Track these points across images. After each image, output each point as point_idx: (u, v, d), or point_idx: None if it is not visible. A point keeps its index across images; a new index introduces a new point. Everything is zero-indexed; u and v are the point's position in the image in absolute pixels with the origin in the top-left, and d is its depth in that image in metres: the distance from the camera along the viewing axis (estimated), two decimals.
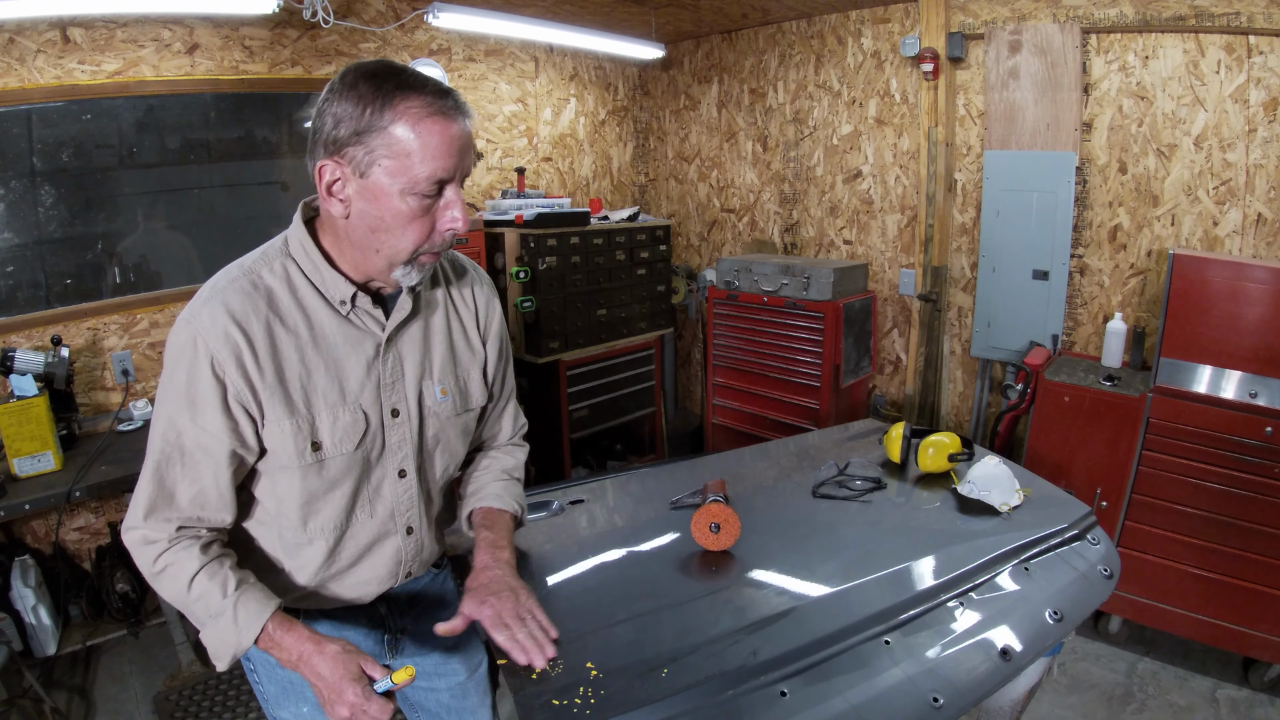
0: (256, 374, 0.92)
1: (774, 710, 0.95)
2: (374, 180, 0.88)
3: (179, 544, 0.94)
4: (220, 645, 0.93)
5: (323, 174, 0.90)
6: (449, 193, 0.92)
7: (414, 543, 1.11)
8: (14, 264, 2.35)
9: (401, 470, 1.06)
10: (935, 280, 3.23)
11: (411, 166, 0.87)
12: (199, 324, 0.90)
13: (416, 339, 1.06)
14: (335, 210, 0.92)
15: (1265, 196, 2.45)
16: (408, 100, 0.86)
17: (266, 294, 0.94)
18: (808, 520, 1.45)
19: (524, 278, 3.02)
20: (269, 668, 1.11)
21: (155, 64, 2.52)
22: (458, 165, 0.90)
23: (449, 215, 0.93)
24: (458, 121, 0.90)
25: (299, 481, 0.97)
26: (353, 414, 0.99)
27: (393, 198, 0.89)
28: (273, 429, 0.95)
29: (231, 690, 2.29)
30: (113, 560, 2.46)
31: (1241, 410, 2.14)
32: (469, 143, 0.92)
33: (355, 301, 0.98)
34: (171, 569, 0.93)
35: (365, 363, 1.00)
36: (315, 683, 0.91)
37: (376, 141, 0.87)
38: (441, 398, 1.08)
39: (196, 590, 0.93)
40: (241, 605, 0.92)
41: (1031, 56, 2.78)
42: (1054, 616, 1.20)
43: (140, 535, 0.94)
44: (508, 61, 3.58)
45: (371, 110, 0.86)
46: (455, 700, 1.27)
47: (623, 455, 3.81)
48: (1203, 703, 2.19)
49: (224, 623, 0.92)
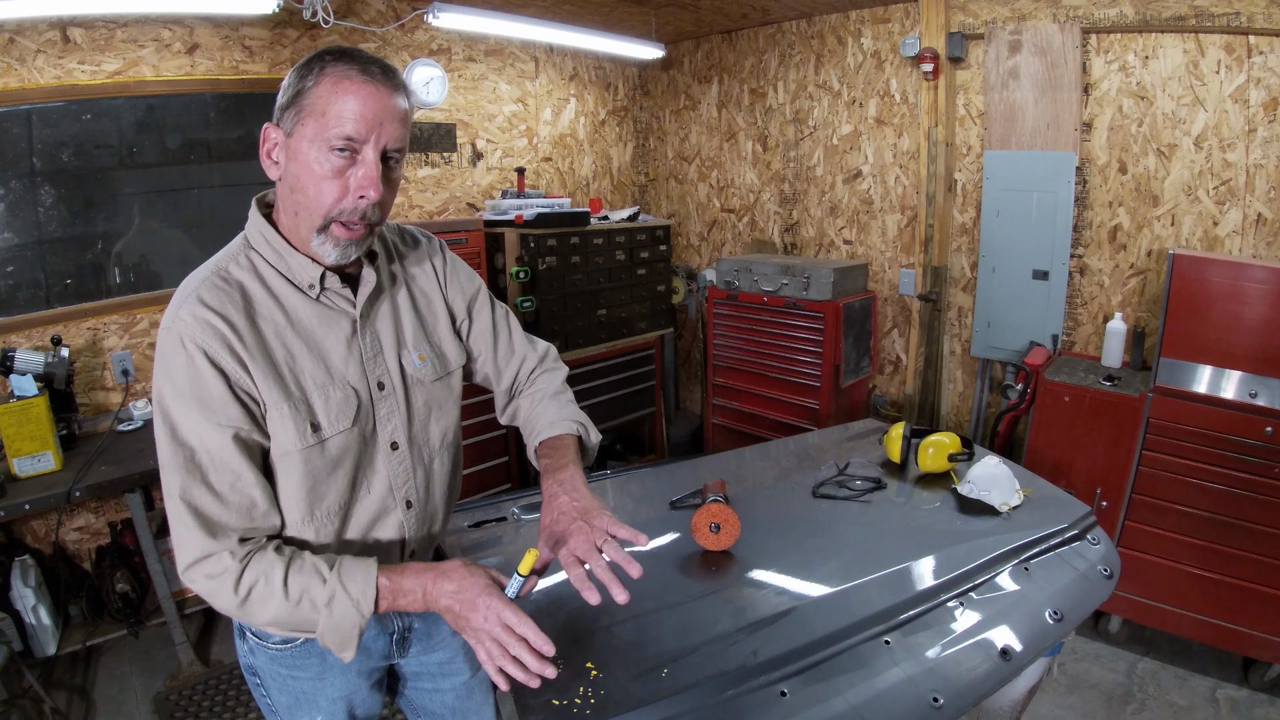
0: (249, 359, 0.92)
1: (774, 710, 0.95)
2: (295, 140, 0.91)
3: (251, 559, 0.89)
4: (343, 629, 0.89)
5: (265, 137, 0.94)
6: (366, 154, 0.92)
7: (415, 517, 1.10)
8: (14, 264, 2.35)
9: (393, 443, 1.06)
10: (935, 280, 3.23)
11: (326, 124, 0.89)
12: (181, 325, 0.89)
13: (387, 313, 1.07)
14: (272, 174, 0.96)
15: (1265, 196, 2.45)
16: (336, 65, 0.90)
17: (239, 287, 0.95)
18: (808, 520, 1.45)
19: (524, 278, 3.02)
20: (280, 680, 1.10)
21: (155, 64, 2.52)
22: (372, 128, 0.91)
23: (359, 177, 0.92)
24: (379, 86, 0.91)
25: (302, 466, 0.96)
26: (343, 391, 1.00)
27: (308, 154, 0.91)
28: (273, 414, 0.94)
29: (231, 690, 2.29)
30: (113, 560, 2.46)
31: (1241, 410, 2.14)
32: (393, 113, 0.92)
33: (324, 283, 0.99)
34: (258, 587, 0.88)
35: (344, 340, 1.01)
36: (445, 611, 0.89)
37: (303, 102, 0.90)
38: (420, 364, 1.09)
39: (295, 590, 0.88)
40: (347, 578, 0.90)
41: (1031, 56, 2.78)
42: (1054, 616, 1.20)
43: (203, 573, 0.88)
44: (508, 61, 3.58)
45: (307, 76, 0.91)
46: (459, 700, 1.27)
47: (623, 455, 3.81)
48: (1203, 703, 2.19)
49: (339, 604, 0.88)
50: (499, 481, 2.97)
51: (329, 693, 1.11)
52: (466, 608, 0.88)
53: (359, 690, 1.13)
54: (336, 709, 1.12)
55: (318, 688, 1.10)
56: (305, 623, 0.90)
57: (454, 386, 1.16)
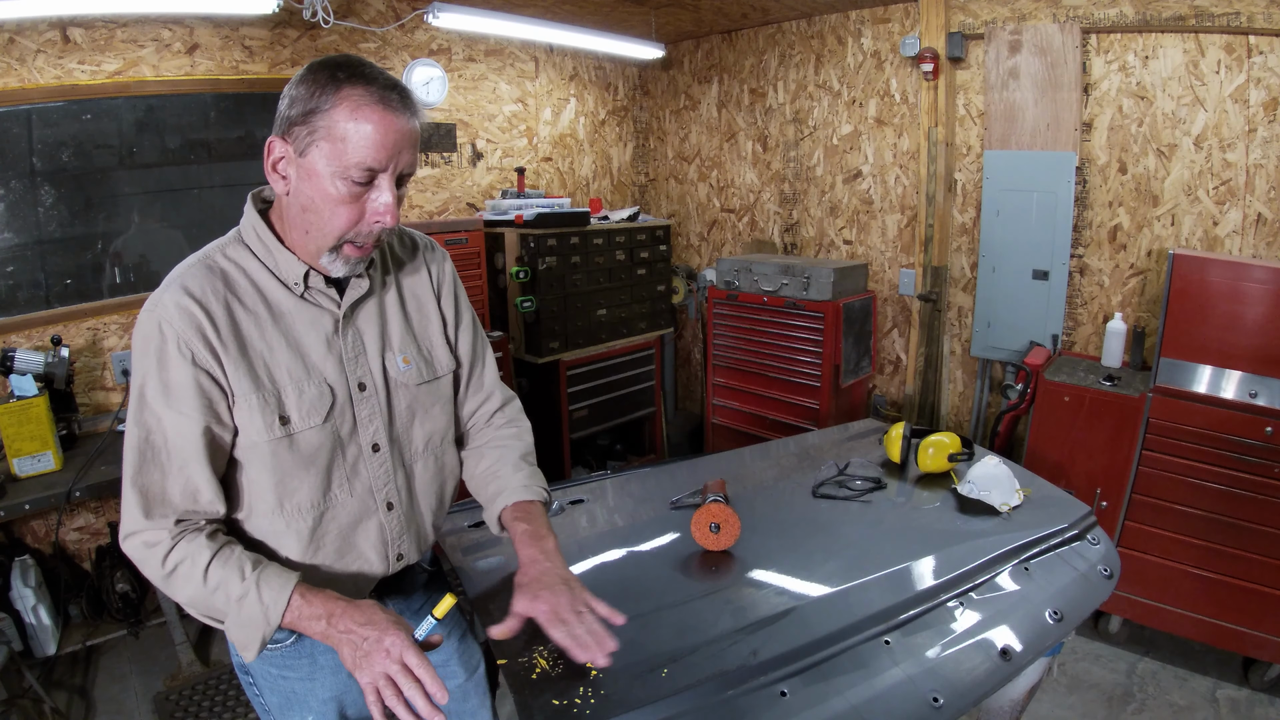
0: (221, 348, 0.93)
1: (774, 710, 0.95)
2: (310, 160, 0.91)
3: (183, 538, 0.92)
4: (248, 630, 0.91)
5: (271, 150, 0.94)
6: (381, 183, 0.93)
7: (396, 519, 1.10)
8: (14, 264, 2.35)
9: (375, 445, 1.06)
10: (935, 280, 3.23)
11: (345, 151, 0.89)
12: (161, 310, 0.92)
13: (373, 314, 1.07)
14: (278, 188, 0.96)
15: (1265, 196, 2.45)
16: (354, 88, 0.89)
17: (223, 276, 0.97)
18: (808, 520, 1.45)
19: (524, 278, 3.02)
20: (270, 679, 1.10)
21: (155, 64, 2.52)
22: (391, 157, 0.91)
23: (378, 205, 0.93)
24: (399, 115, 0.91)
25: (270, 458, 0.97)
26: (318, 387, 1.00)
27: (324, 179, 0.91)
28: (241, 404, 0.95)
29: (231, 690, 2.29)
30: (113, 560, 2.46)
31: (1241, 410, 2.13)
32: (409, 139, 0.93)
33: (309, 282, 1.00)
34: (183, 566, 0.91)
35: (324, 338, 1.02)
36: (346, 638, 0.88)
37: (319, 123, 0.89)
38: (404, 367, 1.09)
39: (214, 580, 0.91)
40: (264, 582, 0.91)
41: (1031, 56, 2.78)
42: (1054, 616, 1.20)
43: (140, 541, 0.93)
44: (508, 61, 3.58)
45: (320, 94, 0.89)
46: (455, 703, 1.27)
47: (623, 455, 3.81)
48: (1203, 703, 2.19)
49: (249, 604, 0.90)
50: None
51: (320, 693, 1.11)
52: (371, 641, 0.87)
53: (350, 690, 1.13)
54: (328, 709, 1.12)
55: (309, 688, 1.10)
56: (217, 612, 0.93)
57: (442, 391, 1.15)
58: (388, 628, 0.88)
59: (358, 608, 0.91)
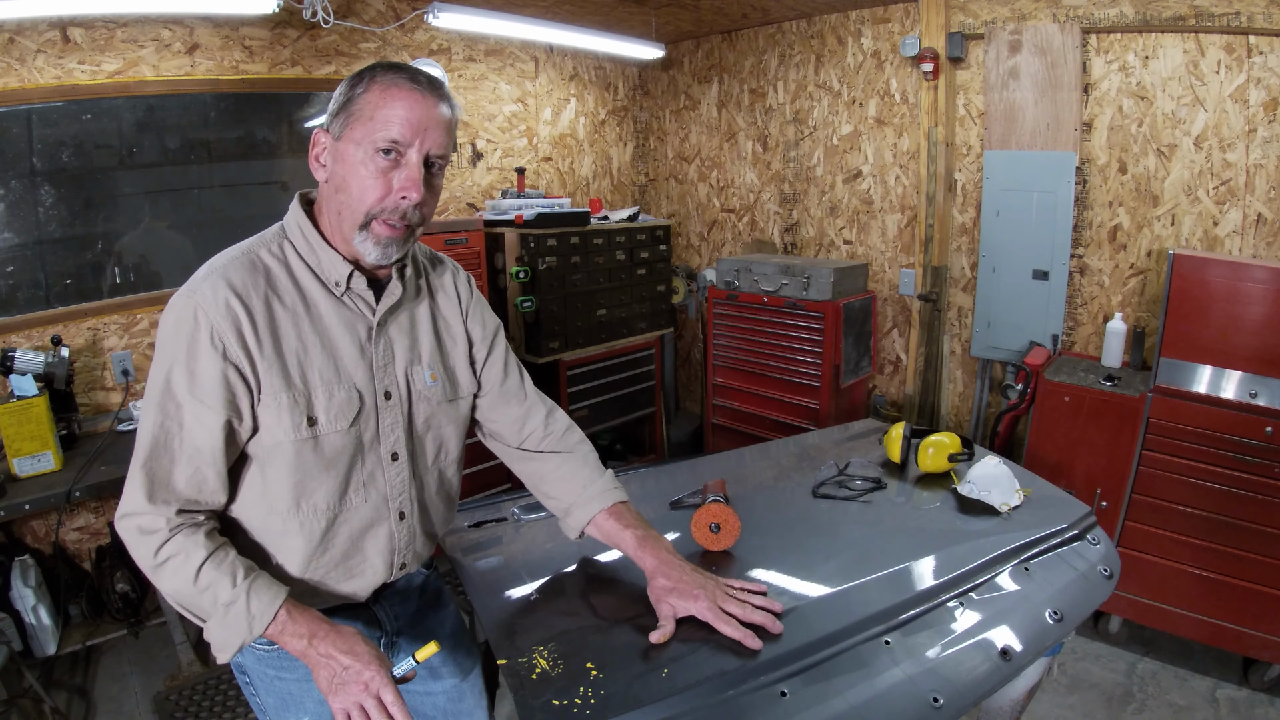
0: (255, 346, 0.94)
1: (774, 710, 0.95)
2: (343, 143, 0.96)
3: (180, 532, 0.92)
4: (229, 635, 0.91)
5: (315, 142, 1.00)
6: (410, 157, 0.96)
7: (407, 529, 1.11)
8: (14, 264, 2.35)
9: (394, 453, 1.07)
10: (935, 280, 3.23)
11: (373, 128, 0.94)
12: (200, 297, 0.92)
13: (404, 326, 1.09)
14: (319, 176, 1.00)
15: (1265, 196, 2.44)
16: (386, 75, 0.96)
17: (265, 272, 0.98)
18: (808, 520, 1.45)
19: (524, 278, 3.02)
20: (267, 680, 1.10)
21: (155, 64, 2.52)
22: (416, 134, 0.95)
23: (403, 179, 0.96)
24: (425, 95, 0.96)
25: (293, 458, 0.97)
26: (347, 392, 1.01)
27: (354, 156, 0.95)
28: (269, 402, 0.95)
29: (231, 690, 2.29)
30: (113, 560, 2.46)
31: (1241, 410, 2.13)
32: (437, 120, 0.97)
33: (350, 284, 1.01)
34: (175, 560, 0.91)
35: (358, 344, 1.03)
36: (325, 662, 0.90)
37: (353, 108, 0.96)
38: (431, 382, 1.11)
39: (205, 580, 0.91)
40: (254, 592, 0.91)
41: (1031, 56, 2.78)
42: (1054, 616, 1.19)
43: (136, 525, 0.92)
44: (508, 61, 3.58)
45: (357, 84, 0.96)
46: (451, 704, 1.27)
47: (623, 455, 3.81)
48: (1203, 703, 2.19)
49: (235, 611, 0.90)
50: (499, 481, 2.97)
51: (315, 694, 1.10)
52: (352, 671, 0.88)
53: None
54: (323, 710, 1.11)
55: (304, 689, 1.09)
56: (201, 610, 0.93)
57: (460, 412, 1.17)
58: (369, 661, 0.89)
59: (340, 634, 0.92)
